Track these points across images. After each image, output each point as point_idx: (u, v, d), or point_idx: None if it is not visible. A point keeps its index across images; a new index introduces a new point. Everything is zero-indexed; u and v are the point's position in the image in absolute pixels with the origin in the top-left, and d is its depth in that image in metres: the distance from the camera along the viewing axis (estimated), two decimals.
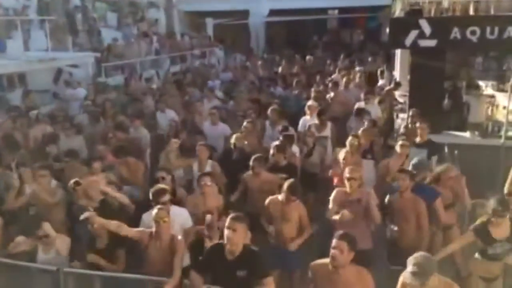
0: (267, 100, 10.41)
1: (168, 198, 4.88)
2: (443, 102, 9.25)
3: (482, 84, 10.80)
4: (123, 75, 14.04)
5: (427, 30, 8.01)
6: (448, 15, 9.10)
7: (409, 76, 9.80)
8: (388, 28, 10.09)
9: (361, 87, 11.91)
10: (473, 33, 7.86)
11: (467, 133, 8.63)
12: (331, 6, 25.10)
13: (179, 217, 5.01)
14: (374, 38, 23.92)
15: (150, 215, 4.56)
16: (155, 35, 17.65)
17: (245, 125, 7.74)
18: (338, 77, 13.10)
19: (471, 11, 9.45)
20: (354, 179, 5.25)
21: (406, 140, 6.84)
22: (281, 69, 15.54)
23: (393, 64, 14.86)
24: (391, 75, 13.69)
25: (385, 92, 11.19)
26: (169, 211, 4.78)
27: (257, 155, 6.27)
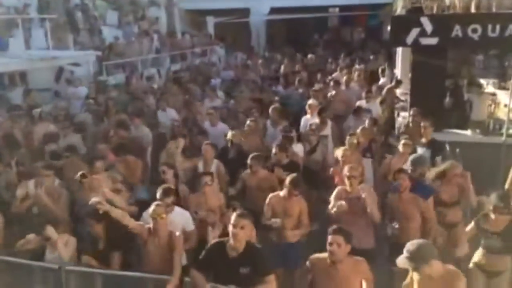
0: (268, 99, 10.42)
1: (172, 199, 4.89)
2: (444, 100, 9.25)
3: (484, 82, 10.79)
4: (124, 73, 14.04)
5: (429, 28, 8.00)
6: (450, 13, 9.07)
7: (410, 74, 9.79)
8: (389, 26, 10.09)
9: (362, 85, 11.91)
10: (474, 31, 7.86)
11: (469, 131, 8.62)
12: (332, 4, 25.06)
13: (181, 218, 5.01)
14: (375, 36, 23.92)
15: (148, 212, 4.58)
16: (155, 33, 17.64)
17: (248, 124, 7.75)
18: (339, 75, 13.09)
19: (472, 8, 9.43)
20: (354, 177, 5.25)
21: (408, 140, 6.82)
22: (282, 67, 15.53)
23: (394, 62, 14.85)
24: (392, 73, 13.68)
25: (386, 90, 11.18)
26: (172, 210, 4.81)
27: (255, 153, 6.29)
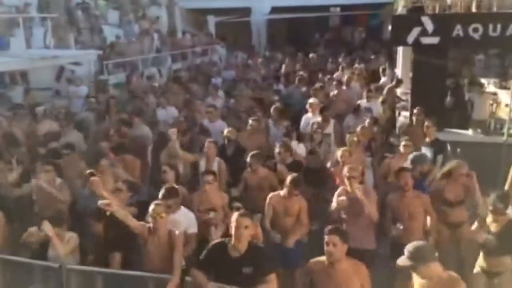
0: (268, 98, 10.42)
1: (175, 201, 4.89)
2: (445, 100, 9.24)
3: (484, 81, 10.78)
4: (125, 72, 14.05)
5: (430, 27, 8.00)
6: (451, 12, 9.07)
7: (411, 73, 9.79)
8: (390, 26, 10.08)
9: (362, 84, 11.91)
10: (475, 30, 7.85)
11: (470, 131, 8.62)
12: (333, 4, 25.04)
13: (185, 219, 5.00)
14: (376, 35, 23.89)
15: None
16: (156, 32, 17.64)
17: (251, 123, 7.75)
18: (340, 75, 13.09)
19: (473, 8, 9.42)
20: (354, 177, 5.23)
21: (409, 140, 6.83)
22: (284, 66, 15.54)
23: (395, 61, 14.84)
24: (393, 72, 13.68)
25: (387, 90, 11.18)
26: (176, 210, 4.82)
27: (254, 152, 6.28)
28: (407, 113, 9.30)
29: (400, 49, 13.00)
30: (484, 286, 4.80)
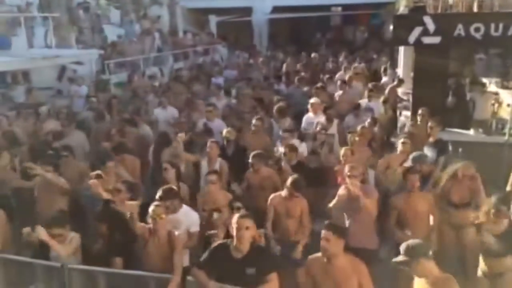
0: (269, 98, 10.42)
1: (173, 202, 4.88)
2: (446, 100, 9.23)
3: (486, 81, 10.76)
4: (127, 72, 14.06)
5: (431, 27, 7.97)
6: (452, 12, 9.06)
7: (412, 73, 9.77)
8: (391, 25, 10.07)
9: (363, 84, 11.90)
10: (477, 30, 7.82)
11: (471, 131, 8.60)
12: (334, 3, 25.04)
13: (188, 219, 5.00)
14: (378, 35, 23.88)
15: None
16: (157, 32, 17.65)
17: (255, 122, 7.76)
18: (343, 74, 13.08)
19: (475, 8, 9.42)
20: (354, 176, 5.23)
21: (407, 138, 6.79)
22: (285, 66, 15.52)
23: (396, 61, 14.82)
24: (394, 72, 13.67)
25: (388, 89, 11.17)
26: (175, 211, 4.83)
27: (256, 152, 6.27)
28: (408, 113, 9.28)
29: (402, 49, 12.99)
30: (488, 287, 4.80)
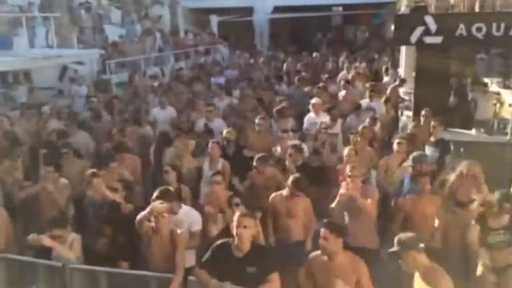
0: (269, 98, 10.41)
1: (169, 202, 4.80)
2: (448, 99, 9.21)
3: (488, 81, 10.74)
4: (128, 72, 14.06)
5: (433, 27, 7.97)
6: (454, 12, 9.06)
7: (414, 73, 9.76)
8: (392, 25, 10.06)
9: (364, 84, 11.89)
10: (479, 29, 7.81)
11: (473, 131, 8.59)
12: (335, 3, 25.05)
13: (189, 218, 4.99)
14: (379, 35, 23.87)
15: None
16: (158, 32, 17.66)
17: (258, 122, 7.77)
18: (346, 74, 13.07)
19: (477, 7, 9.41)
20: (355, 176, 5.22)
21: (403, 139, 6.76)
22: (285, 66, 15.51)
23: (397, 61, 14.81)
24: (395, 72, 13.66)
25: (390, 89, 11.15)
26: (179, 209, 4.83)
27: (260, 154, 6.28)
28: (409, 113, 9.27)
29: (403, 49, 12.98)
30: (493, 283, 4.80)
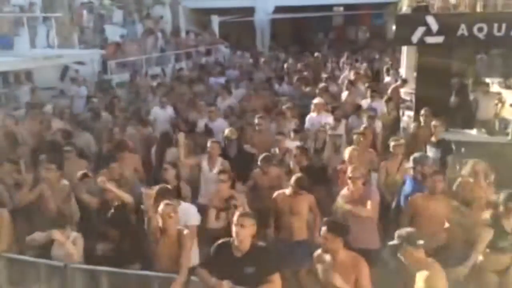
0: (272, 98, 10.40)
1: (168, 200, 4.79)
2: (449, 100, 9.21)
3: (489, 81, 10.73)
4: (129, 72, 14.07)
5: (434, 27, 7.96)
6: (455, 12, 9.04)
7: (415, 73, 9.76)
8: (394, 25, 10.06)
9: (364, 83, 11.90)
10: (480, 30, 7.81)
11: (474, 131, 8.58)
12: (336, 3, 25.06)
13: (183, 213, 4.95)
14: (380, 35, 23.88)
15: None
16: (160, 32, 17.67)
17: (258, 121, 7.77)
18: (348, 74, 13.06)
19: (478, 7, 9.40)
20: (356, 178, 5.21)
21: (398, 141, 6.70)
22: (286, 66, 15.51)
23: (399, 61, 14.80)
24: (397, 72, 13.65)
25: (391, 89, 11.14)
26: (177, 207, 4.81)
27: (265, 154, 6.32)
28: (411, 113, 9.26)
29: (404, 49, 12.97)
30: (496, 285, 4.80)
